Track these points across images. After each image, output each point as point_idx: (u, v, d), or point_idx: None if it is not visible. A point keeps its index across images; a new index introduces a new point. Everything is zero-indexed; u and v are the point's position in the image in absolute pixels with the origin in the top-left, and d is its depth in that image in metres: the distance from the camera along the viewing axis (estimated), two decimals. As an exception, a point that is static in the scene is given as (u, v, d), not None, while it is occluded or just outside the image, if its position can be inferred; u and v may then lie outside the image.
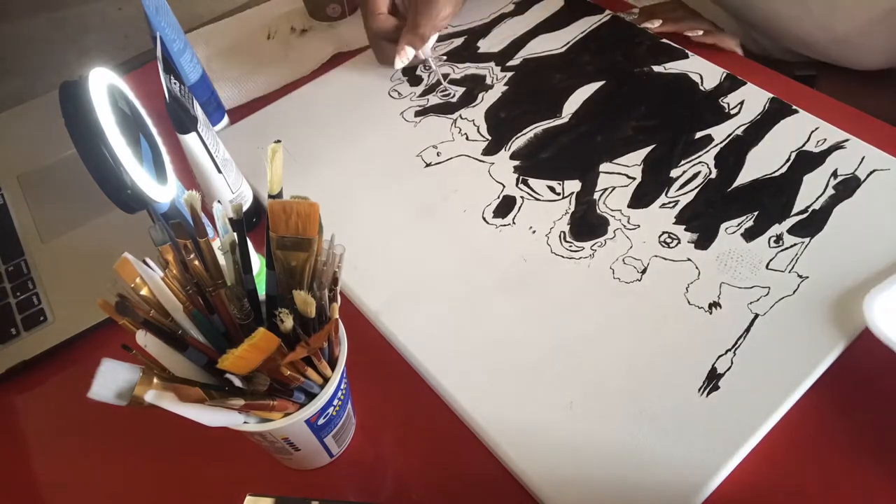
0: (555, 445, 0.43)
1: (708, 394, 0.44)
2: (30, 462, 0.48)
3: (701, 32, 0.66)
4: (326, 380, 0.38)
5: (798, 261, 0.50)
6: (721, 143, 0.58)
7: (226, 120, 0.68)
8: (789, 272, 0.49)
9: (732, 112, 0.60)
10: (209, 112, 0.65)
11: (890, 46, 0.60)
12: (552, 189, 0.57)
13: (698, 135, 0.59)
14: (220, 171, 0.53)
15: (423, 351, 0.48)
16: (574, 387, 0.45)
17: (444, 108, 0.65)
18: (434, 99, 0.67)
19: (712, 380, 0.44)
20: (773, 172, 0.55)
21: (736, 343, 0.46)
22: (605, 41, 0.69)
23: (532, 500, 0.42)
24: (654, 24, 0.68)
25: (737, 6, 0.68)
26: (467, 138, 0.62)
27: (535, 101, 0.64)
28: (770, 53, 0.73)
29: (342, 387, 0.40)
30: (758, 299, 0.48)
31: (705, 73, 0.64)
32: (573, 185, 0.57)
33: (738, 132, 0.59)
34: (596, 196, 0.56)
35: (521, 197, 0.57)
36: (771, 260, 0.50)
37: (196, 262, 0.35)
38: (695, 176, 0.56)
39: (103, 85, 0.38)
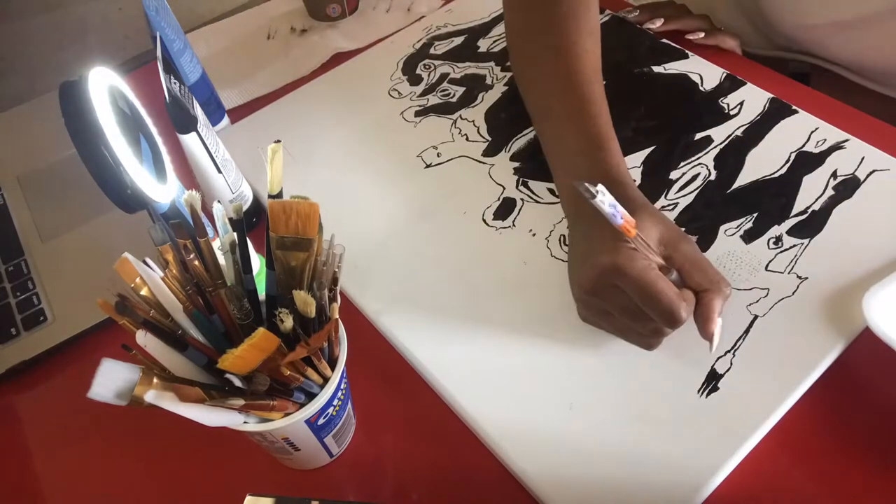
0: (555, 445, 0.43)
1: (707, 395, 0.44)
2: (30, 462, 0.48)
3: (703, 35, 0.66)
4: (326, 380, 0.38)
5: (797, 262, 0.50)
6: (721, 144, 0.58)
7: (226, 120, 0.68)
8: (788, 273, 0.49)
9: (732, 113, 0.60)
10: (209, 112, 0.65)
11: None
12: (552, 191, 0.57)
13: (698, 136, 0.59)
14: (220, 171, 0.53)
15: (423, 351, 0.48)
16: (574, 387, 0.45)
17: (444, 109, 0.65)
18: (434, 99, 0.67)
19: (712, 381, 0.44)
20: (773, 173, 0.55)
21: (735, 344, 0.46)
22: (604, 41, 0.69)
23: (532, 499, 0.42)
24: (655, 24, 0.68)
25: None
26: (467, 139, 0.62)
27: (535, 101, 0.64)
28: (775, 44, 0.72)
29: (342, 387, 0.40)
30: (757, 301, 0.48)
31: (705, 73, 0.64)
32: (573, 186, 0.57)
33: (738, 133, 0.59)
34: (596, 196, 0.56)
35: (522, 199, 0.57)
36: (770, 261, 0.50)
37: (196, 262, 0.35)
38: (694, 178, 0.56)
39: (103, 85, 0.38)
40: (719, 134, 0.59)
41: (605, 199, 0.36)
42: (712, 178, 0.56)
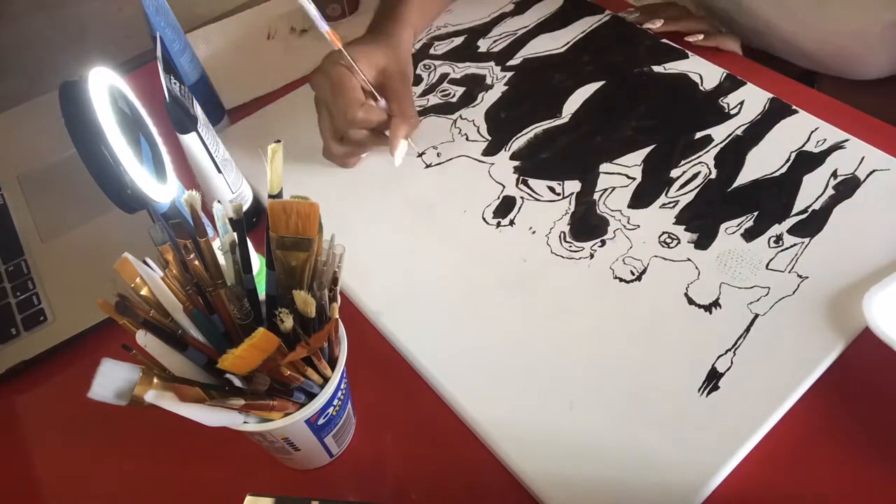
0: (555, 445, 0.43)
1: (708, 394, 0.44)
2: (30, 462, 0.48)
3: (701, 37, 0.66)
4: (326, 380, 0.38)
5: (798, 261, 0.50)
6: (721, 143, 0.58)
7: (226, 120, 0.68)
8: (789, 272, 0.49)
9: (732, 112, 0.60)
10: (209, 112, 0.65)
11: (891, 59, 0.60)
12: (552, 189, 0.57)
13: (698, 135, 0.59)
14: (220, 171, 0.53)
15: (423, 351, 0.48)
16: (574, 387, 0.45)
17: (444, 109, 0.65)
18: (434, 99, 0.66)
19: (712, 380, 0.44)
20: (773, 172, 0.55)
21: (736, 343, 0.46)
22: (604, 41, 0.69)
23: (532, 499, 0.42)
24: (655, 24, 0.68)
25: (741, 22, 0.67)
26: (467, 139, 0.62)
27: (535, 101, 0.64)
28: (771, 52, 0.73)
29: (342, 387, 0.40)
30: (758, 299, 0.48)
31: (705, 73, 0.64)
32: (573, 186, 0.57)
33: (738, 132, 0.59)
34: (596, 196, 0.56)
35: (521, 197, 0.57)
36: (771, 260, 0.50)
37: (196, 262, 0.35)
38: (695, 176, 0.56)
39: (103, 85, 0.38)
40: (719, 133, 0.59)
41: (308, 5, 0.51)
42: (713, 176, 0.56)
